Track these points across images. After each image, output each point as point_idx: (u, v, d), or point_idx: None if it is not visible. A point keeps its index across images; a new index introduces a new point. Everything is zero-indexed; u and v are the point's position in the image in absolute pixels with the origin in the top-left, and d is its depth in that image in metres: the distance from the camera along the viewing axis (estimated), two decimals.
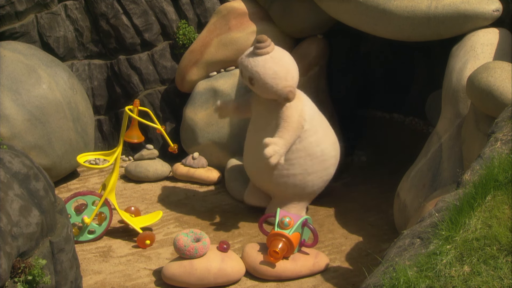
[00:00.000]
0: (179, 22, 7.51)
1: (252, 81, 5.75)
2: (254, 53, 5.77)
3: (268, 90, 5.73)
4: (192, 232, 5.22)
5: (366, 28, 6.20)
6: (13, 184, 3.69)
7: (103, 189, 5.87)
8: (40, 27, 7.28)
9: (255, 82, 5.74)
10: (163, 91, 7.56)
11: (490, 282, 2.74)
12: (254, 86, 5.77)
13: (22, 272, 3.47)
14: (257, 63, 5.74)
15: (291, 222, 5.26)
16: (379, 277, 3.06)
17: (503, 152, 3.62)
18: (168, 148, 5.91)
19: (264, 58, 5.74)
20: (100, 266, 5.48)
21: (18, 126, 6.37)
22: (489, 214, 3.12)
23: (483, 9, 5.56)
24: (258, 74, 5.71)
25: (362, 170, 7.39)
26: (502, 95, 4.58)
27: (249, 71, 5.74)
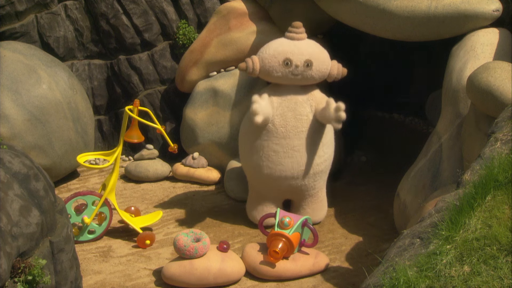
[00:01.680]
0: (179, 22, 7.52)
1: (311, 64, 5.69)
2: (295, 38, 5.77)
3: (324, 69, 5.76)
4: (192, 232, 5.21)
5: (366, 28, 6.20)
6: (13, 184, 3.69)
7: (103, 189, 5.87)
8: (40, 27, 7.28)
9: (314, 64, 5.70)
10: (163, 91, 7.56)
11: (490, 282, 2.74)
12: (312, 70, 5.70)
13: (22, 272, 3.47)
14: (309, 45, 5.79)
15: (291, 222, 5.26)
16: (379, 277, 3.06)
17: (503, 152, 3.62)
18: (168, 148, 5.91)
19: (308, 41, 5.83)
20: (100, 266, 5.48)
21: (18, 126, 6.37)
22: (489, 214, 3.12)
23: (483, 9, 5.56)
24: (317, 54, 5.74)
25: (362, 170, 7.39)
26: (502, 95, 4.58)
27: (307, 53, 5.71)
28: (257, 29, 7.03)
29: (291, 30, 5.83)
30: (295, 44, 5.77)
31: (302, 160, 5.81)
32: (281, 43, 5.82)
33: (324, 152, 5.90)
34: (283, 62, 5.70)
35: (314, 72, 5.74)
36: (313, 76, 5.77)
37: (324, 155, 5.91)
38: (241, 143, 6.10)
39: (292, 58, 5.69)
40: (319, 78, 5.83)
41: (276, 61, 5.72)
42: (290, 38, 5.82)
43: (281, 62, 5.70)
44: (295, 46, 5.75)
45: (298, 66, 5.68)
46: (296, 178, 5.85)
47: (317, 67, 5.74)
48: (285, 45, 5.77)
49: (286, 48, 5.75)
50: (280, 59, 5.71)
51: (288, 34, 5.85)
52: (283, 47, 5.76)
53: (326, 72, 5.81)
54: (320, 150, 5.87)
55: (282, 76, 5.76)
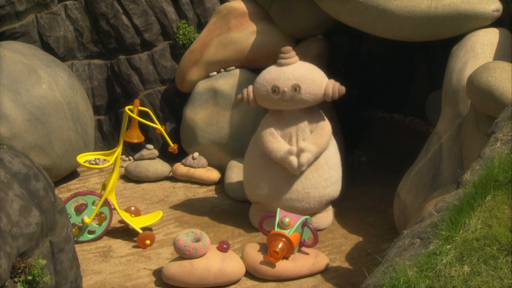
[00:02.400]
0: (179, 22, 7.52)
1: (299, 88, 5.66)
2: (283, 64, 5.77)
3: (316, 90, 5.71)
4: (192, 232, 5.21)
5: (366, 28, 6.20)
6: (13, 184, 3.69)
7: (103, 189, 5.87)
8: (40, 27, 7.28)
9: (302, 88, 5.66)
10: (163, 91, 7.56)
11: (490, 282, 2.74)
12: (301, 93, 5.67)
13: (22, 272, 3.47)
14: (297, 68, 5.76)
15: (291, 222, 5.26)
16: (379, 277, 3.06)
17: (503, 152, 3.62)
18: (168, 148, 5.91)
19: (298, 64, 5.80)
20: (100, 266, 5.48)
21: (18, 126, 6.37)
22: (489, 214, 3.12)
23: (483, 9, 5.56)
24: (305, 77, 5.70)
25: (362, 170, 7.39)
26: (502, 95, 4.58)
27: (294, 78, 5.68)
28: (257, 29, 7.03)
29: (281, 56, 5.83)
30: (282, 70, 5.77)
31: (307, 183, 5.83)
32: (269, 71, 5.86)
33: (330, 176, 5.90)
34: (271, 90, 5.74)
35: (304, 95, 5.72)
36: (304, 99, 5.74)
37: (331, 178, 5.91)
38: (246, 166, 6.12)
39: (279, 85, 5.71)
40: (313, 100, 5.78)
41: (265, 89, 5.77)
42: (279, 64, 5.83)
43: (270, 90, 5.74)
44: (281, 72, 5.76)
45: (285, 91, 5.70)
46: (301, 201, 5.87)
47: (307, 90, 5.70)
48: (272, 73, 5.81)
49: (273, 75, 5.78)
50: (269, 87, 5.76)
51: (278, 61, 5.85)
52: (271, 75, 5.79)
53: (319, 93, 5.75)
54: (326, 173, 5.86)
55: (275, 103, 5.81)
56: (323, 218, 6.12)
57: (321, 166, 5.84)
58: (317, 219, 6.06)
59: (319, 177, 5.84)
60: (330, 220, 6.20)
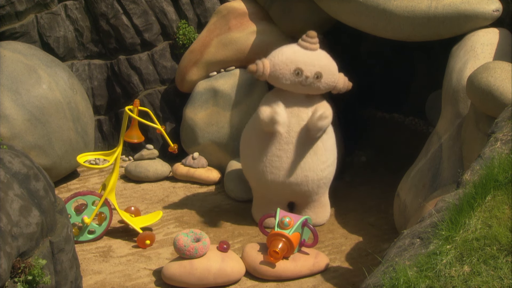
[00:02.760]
0: (179, 22, 7.52)
1: (320, 76, 5.69)
2: (308, 48, 5.77)
3: (332, 82, 5.77)
4: (192, 232, 5.21)
5: (366, 28, 6.20)
6: (13, 184, 3.69)
7: (103, 189, 5.87)
8: (40, 27, 7.28)
9: (323, 77, 5.70)
10: (163, 91, 7.56)
11: (490, 282, 2.74)
12: (321, 82, 5.71)
13: (22, 272, 3.47)
14: (321, 56, 5.79)
15: (291, 222, 5.26)
16: (379, 277, 3.06)
17: (503, 152, 3.62)
18: (168, 148, 5.91)
19: (320, 52, 5.82)
20: (100, 266, 5.48)
21: (18, 126, 6.37)
22: (489, 214, 3.12)
23: (483, 9, 5.56)
24: (327, 67, 5.74)
25: (362, 170, 7.39)
26: (502, 95, 4.58)
27: (319, 66, 5.70)
28: (257, 29, 7.02)
29: (306, 39, 5.81)
30: (308, 55, 5.76)
31: (306, 165, 5.83)
32: (294, 51, 5.80)
33: (327, 158, 5.92)
34: (294, 71, 5.70)
35: (322, 84, 5.76)
36: (319, 88, 5.79)
37: (327, 161, 5.93)
38: (244, 148, 6.11)
39: (304, 69, 5.69)
40: (325, 90, 5.86)
41: (287, 69, 5.72)
42: (304, 47, 5.80)
43: (292, 71, 5.71)
44: (307, 57, 5.74)
45: (308, 77, 5.69)
46: (300, 184, 5.87)
47: (326, 80, 5.76)
48: (298, 54, 5.76)
49: (299, 57, 5.74)
50: (292, 67, 5.71)
51: (301, 43, 5.83)
52: (296, 56, 5.74)
53: (333, 85, 5.83)
54: (323, 156, 5.88)
55: (291, 84, 5.78)
56: (321, 214, 6.12)
57: (319, 149, 5.86)
58: (314, 214, 6.06)
59: (317, 159, 5.86)
60: (328, 216, 6.21)
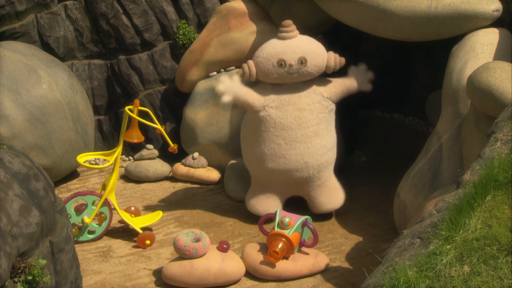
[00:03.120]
0: (179, 22, 7.52)
1: (305, 61, 5.74)
2: (286, 38, 5.85)
3: (321, 63, 5.83)
4: (192, 232, 5.21)
5: (366, 28, 6.20)
6: (13, 184, 3.69)
7: (103, 189, 5.87)
8: (40, 27, 7.28)
9: (308, 60, 5.76)
10: (163, 91, 7.56)
11: (490, 282, 2.74)
12: (307, 66, 5.76)
13: (22, 272, 3.47)
14: (300, 42, 5.85)
15: (291, 222, 5.26)
16: (379, 277, 3.06)
17: (503, 152, 3.62)
18: (168, 148, 5.91)
19: (300, 37, 5.90)
20: (100, 266, 5.48)
21: (18, 126, 6.37)
22: (489, 214, 3.12)
23: (483, 9, 5.56)
24: (310, 50, 5.80)
25: (362, 170, 7.39)
26: (502, 95, 4.58)
27: (300, 51, 5.77)
28: (257, 29, 7.02)
29: (282, 30, 5.90)
30: (287, 44, 5.83)
31: (305, 151, 5.85)
32: (273, 45, 5.88)
33: (327, 142, 5.96)
34: (277, 64, 5.78)
35: (310, 68, 5.81)
36: (310, 72, 5.84)
37: (327, 145, 5.97)
38: (243, 138, 6.16)
39: (285, 58, 5.76)
40: (317, 73, 5.90)
41: (270, 63, 5.80)
42: (282, 38, 5.89)
43: (275, 64, 5.78)
44: (287, 46, 5.81)
45: (292, 65, 5.76)
46: (300, 170, 5.89)
47: (312, 62, 5.80)
48: (277, 46, 5.84)
49: (279, 49, 5.82)
50: (274, 61, 5.79)
51: (279, 35, 5.92)
52: (275, 49, 5.83)
53: (323, 65, 5.88)
54: (324, 140, 5.90)
55: (279, 77, 5.83)
56: (334, 197, 6.16)
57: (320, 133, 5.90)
58: (327, 199, 6.10)
59: (317, 144, 5.89)
60: (342, 198, 6.25)
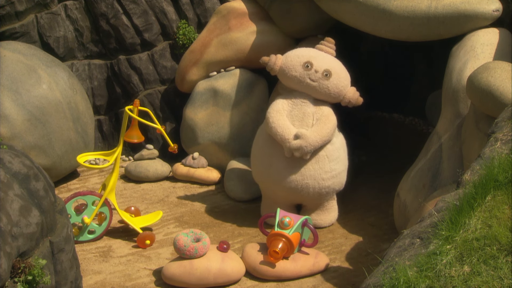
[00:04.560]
0: (179, 22, 7.52)
1: (329, 75, 5.76)
2: (322, 50, 5.97)
3: (341, 87, 5.84)
4: (192, 232, 5.21)
5: (366, 28, 6.20)
6: (13, 184, 3.69)
7: (103, 189, 5.87)
8: (40, 27, 7.28)
9: (332, 76, 5.78)
10: (163, 91, 7.56)
11: (490, 282, 2.74)
12: (329, 81, 5.78)
13: (22, 272, 3.47)
14: (333, 60, 5.94)
15: (291, 222, 5.26)
16: (379, 277, 3.06)
17: (503, 152, 3.62)
18: (168, 148, 5.91)
19: (334, 58, 5.98)
20: (100, 266, 5.48)
21: (18, 126, 6.37)
22: (489, 214, 3.12)
23: (483, 9, 5.56)
24: (338, 70, 5.84)
25: (362, 170, 7.39)
26: (502, 95, 4.58)
27: (329, 64, 5.83)
28: (257, 29, 7.03)
29: (323, 43, 6.05)
30: (321, 54, 5.96)
31: (306, 173, 5.82)
32: (308, 48, 6.05)
33: (331, 169, 5.88)
34: (303, 64, 5.82)
35: (331, 85, 5.80)
36: (328, 88, 5.81)
37: (332, 171, 5.89)
38: (253, 151, 6.15)
39: (314, 63, 5.82)
40: (334, 95, 5.86)
41: (298, 60, 5.87)
42: (319, 49, 6.03)
43: (302, 63, 5.83)
44: (320, 54, 5.94)
45: (317, 71, 5.79)
46: (301, 191, 5.87)
47: (335, 81, 5.81)
48: (311, 51, 5.99)
49: (311, 53, 5.95)
50: (302, 60, 5.86)
51: (318, 46, 6.05)
52: (309, 52, 5.96)
53: (342, 91, 5.86)
54: (327, 165, 5.85)
55: (299, 77, 5.83)
56: (324, 216, 6.12)
57: (321, 159, 5.84)
58: (317, 216, 6.06)
59: (319, 169, 5.84)
60: (333, 220, 6.20)
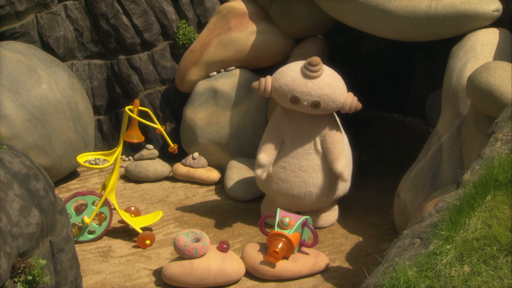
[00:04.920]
0: (179, 22, 7.51)
1: (318, 105, 5.60)
2: (308, 77, 5.63)
3: (333, 107, 5.69)
4: (192, 232, 5.21)
5: (366, 28, 6.20)
6: (13, 184, 3.69)
7: (103, 189, 5.87)
8: (40, 27, 7.28)
9: (322, 105, 5.61)
10: (163, 91, 7.56)
11: (490, 282, 2.74)
12: (319, 109, 5.64)
13: (22, 272, 3.47)
14: (321, 85, 5.61)
15: (291, 222, 5.26)
16: (379, 277, 3.06)
17: (503, 152, 3.62)
18: (168, 148, 5.91)
19: (323, 78, 5.64)
20: (100, 266, 5.48)
21: (18, 126, 6.37)
22: (489, 214, 3.12)
23: (483, 9, 5.56)
24: (327, 95, 5.60)
25: (362, 170, 7.39)
26: (502, 95, 4.58)
27: (317, 95, 5.58)
28: (257, 29, 7.02)
29: (307, 67, 5.65)
30: (306, 84, 5.61)
31: (309, 181, 5.83)
32: (293, 77, 5.67)
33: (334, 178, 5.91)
34: (290, 99, 5.65)
35: (321, 111, 5.70)
36: (320, 114, 5.75)
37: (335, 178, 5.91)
38: None
39: (300, 98, 5.61)
40: (331, 110, 5.76)
41: (284, 95, 5.68)
42: (304, 75, 5.65)
43: (288, 98, 5.66)
44: (305, 86, 5.61)
45: (304, 105, 5.64)
46: (303, 198, 5.88)
47: (325, 107, 5.65)
48: (296, 82, 5.64)
49: (296, 86, 5.63)
50: (288, 95, 5.65)
51: (303, 69, 5.67)
52: (294, 83, 5.63)
53: (337, 107, 5.71)
54: (329, 173, 5.86)
55: (291, 107, 5.76)
56: (324, 217, 6.12)
57: (324, 169, 5.84)
58: (317, 216, 6.06)
59: (322, 178, 5.85)
60: (333, 220, 6.20)
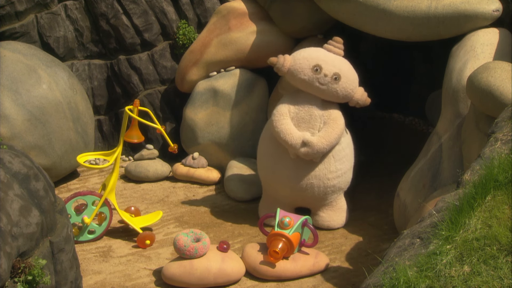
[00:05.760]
0: (179, 22, 7.52)
1: (339, 78, 5.67)
2: (331, 50, 5.82)
3: (350, 90, 5.74)
4: (192, 232, 5.21)
5: (366, 28, 6.20)
6: (13, 184, 3.69)
7: (103, 189, 5.87)
8: (40, 27, 7.28)
9: (342, 80, 5.68)
10: (163, 91, 7.56)
11: (490, 282, 2.75)
12: (338, 84, 5.68)
13: (22, 272, 3.47)
14: (342, 61, 5.78)
15: (291, 222, 5.26)
16: (379, 277, 3.06)
17: (503, 152, 3.62)
18: (168, 148, 5.91)
19: (343, 59, 5.83)
20: (100, 266, 5.48)
21: (18, 126, 6.37)
22: (489, 214, 3.12)
23: (483, 9, 5.56)
24: (347, 73, 5.72)
25: (362, 170, 7.39)
26: (502, 95, 4.58)
27: (339, 68, 5.70)
28: (257, 29, 7.03)
29: (331, 43, 5.88)
30: (330, 55, 5.80)
31: (311, 173, 5.82)
32: (317, 49, 5.87)
33: (336, 168, 5.88)
34: (312, 67, 5.69)
35: (340, 88, 5.71)
36: (337, 91, 5.74)
37: (337, 171, 5.89)
38: (259, 148, 6.14)
39: (323, 66, 5.68)
40: (342, 97, 5.80)
41: (307, 64, 5.72)
42: (328, 49, 5.86)
43: (311, 67, 5.70)
44: (329, 57, 5.78)
45: (326, 75, 5.68)
46: (305, 190, 5.87)
47: (344, 84, 5.71)
48: (320, 53, 5.82)
49: (321, 55, 5.78)
50: (311, 63, 5.71)
51: (326, 46, 5.89)
52: (318, 54, 5.79)
53: (350, 94, 5.77)
54: (332, 165, 5.85)
55: (308, 80, 5.73)
56: (335, 217, 6.11)
57: (327, 158, 5.83)
58: (328, 216, 6.05)
59: (325, 168, 5.83)
60: (343, 220, 6.17)
